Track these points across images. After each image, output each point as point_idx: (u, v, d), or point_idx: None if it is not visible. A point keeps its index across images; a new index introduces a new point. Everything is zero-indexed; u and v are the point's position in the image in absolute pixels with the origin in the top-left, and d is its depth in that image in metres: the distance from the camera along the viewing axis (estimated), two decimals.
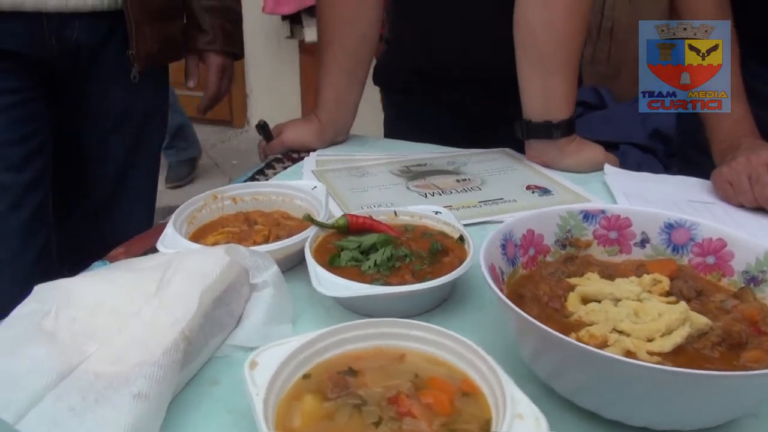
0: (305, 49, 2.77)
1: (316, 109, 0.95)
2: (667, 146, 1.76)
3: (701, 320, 0.43)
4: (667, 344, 0.41)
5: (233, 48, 1.02)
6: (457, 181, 0.83)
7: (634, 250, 0.54)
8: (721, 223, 0.72)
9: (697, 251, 0.51)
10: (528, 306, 0.46)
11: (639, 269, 0.52)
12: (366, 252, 0.56)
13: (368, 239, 0.57)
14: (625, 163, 1.70)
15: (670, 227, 0.53)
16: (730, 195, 0.74)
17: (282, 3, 2.49)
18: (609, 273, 0.51)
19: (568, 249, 0.54)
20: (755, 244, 0.48)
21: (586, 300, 0.47)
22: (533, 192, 0.79)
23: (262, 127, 0.94)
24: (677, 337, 0.42)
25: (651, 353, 0.41)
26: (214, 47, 0.99)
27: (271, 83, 2.88)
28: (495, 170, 0.87)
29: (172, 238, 0.59)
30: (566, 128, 0.85)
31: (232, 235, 0.64)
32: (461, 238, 0.58)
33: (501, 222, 0.70)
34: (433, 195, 0.78)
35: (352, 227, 0.60)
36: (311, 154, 0.93)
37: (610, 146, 1.71)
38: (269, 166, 0.90)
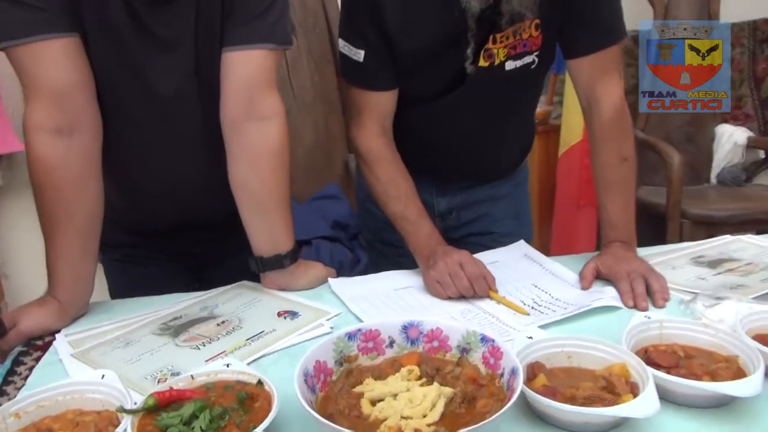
0: None
1: (51, 290, 0.95)
2: (346, 231, 2.10)
3: (447, 390, 0.65)
4: (436, 415, 0.62)
5: None
6: (218, 325, 0.93)
7: (386, 351, 0.74)
8: (415, 299, 1.00)
9: (426, 340, 0.74)
10: (339, 421, 0.62)
11: (395, 364, 0.72)
12: (188, 422, 0.64)
13: (186, 410, 0.65)
14: (320, 255, 1.98)
15: (405, 328, 0.75)
16: (440, 291, 0.99)
17: None
18: (378, 374, 0.70)
19: (345, 365, 0.72)
20: (459, 326, 0.73)
21: (374, 402, 0.65)
22: (285, 318, 0.95)
23: None
24: (440, 408, 0.63)
25: (429, 425, 0.61)
26: None
27: None
28: (245, 305, 1.00)
29: None
30: (293, 256, 1.04)
31: None
32: (260, 382, 0.70)
33: (273, 352, 0.85)
34: (204, 345, 0.87)
35: (161, 403, 0.67)
36: (58, 336, 0.92)
37: (305, 243, 1.98)
38: (17, 362, 0.86)
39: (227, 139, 0.99)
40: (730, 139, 2.65)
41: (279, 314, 0.96)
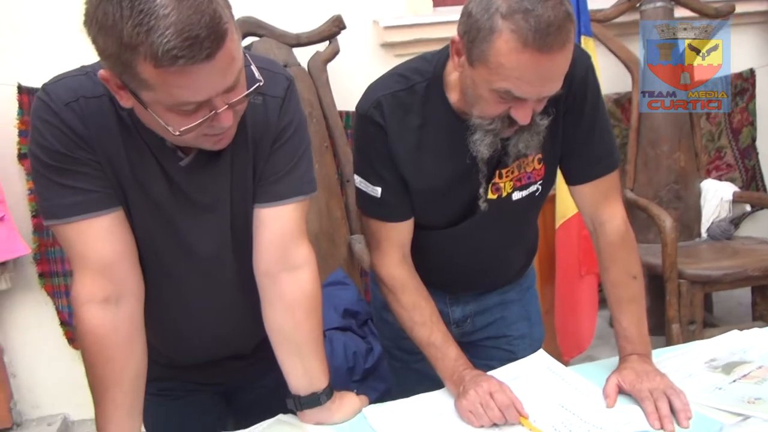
0: None
1: None
2: (357, 318, 2.14)
3: None
4: None
5: None
6: None
7: None
8: (450, 428, 1.03)
9: None
10: None
11: None
12: None
13: None
14: (334, 347, 2.00)
15: None
16: (473, 420, 1.03)
17: None
18: None
19: None
20: None
21: None
22: None
23: None
24: None
25: None
26: None
27: None
28: None
29: None
30: (329, 392, 1.08)
31: None
32: None
33: None
34: None
35: None
36: None
37: None
38: None
39: (261, 288, 1.04)
40: (716, 195, 2.76)
41: None
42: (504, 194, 1.13)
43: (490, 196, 1.13)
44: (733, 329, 1.28)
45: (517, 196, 1.14)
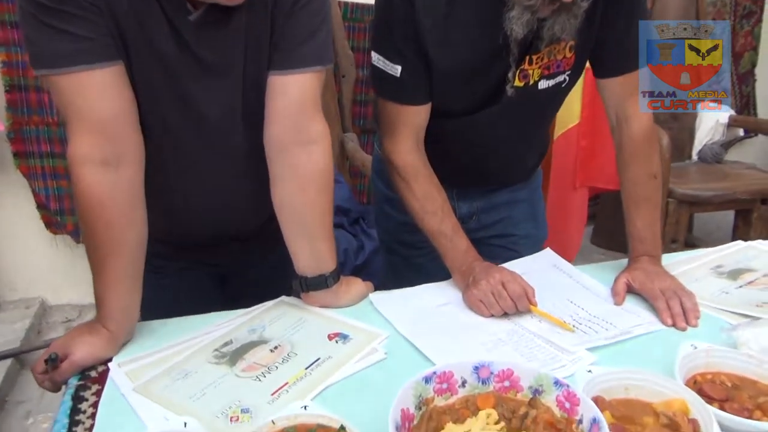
0: None
1: (101, 320, 0.93)
2: (348, 216, 2.11)
3: None
4: None
5: None
6: (271, 351, 0.95)
7: (459, 391, 0.77)
8: (458, 317, 1.03)
9: (497, 380, 0.77)
10: None
11: (469, 404, 0.75)
12: None
13: None
14: None
15: (476, 368, 0.77)
16: (483, 309, 1.01)
17: None
18: (455, 417, 0.73)
19: (423, 409, 0.74)
20: (530, 368, 0.76)
21: None
22: (336, 341, 0.97)
23: (53, 360, 0.88)
24: None
25: None
26: None
27: None
28: (292, 327, 1.01)
29: None
30: (336, 276, 1.05)
31: None
32: (342, 427, 0.73)
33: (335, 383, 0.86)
34: (264, 376, 0.89)
35: None
36: (111, 367, 0.92)
37: None
38: (78, 398, 0.86)
39: (272, 161, 0.98)
40: (712, 117, 2.73)
41: (330, 337, 0.98)
42: (531, 82, 1.07)
43: (517, 83, 1.06)
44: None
45: (543, 84, 1.08)
